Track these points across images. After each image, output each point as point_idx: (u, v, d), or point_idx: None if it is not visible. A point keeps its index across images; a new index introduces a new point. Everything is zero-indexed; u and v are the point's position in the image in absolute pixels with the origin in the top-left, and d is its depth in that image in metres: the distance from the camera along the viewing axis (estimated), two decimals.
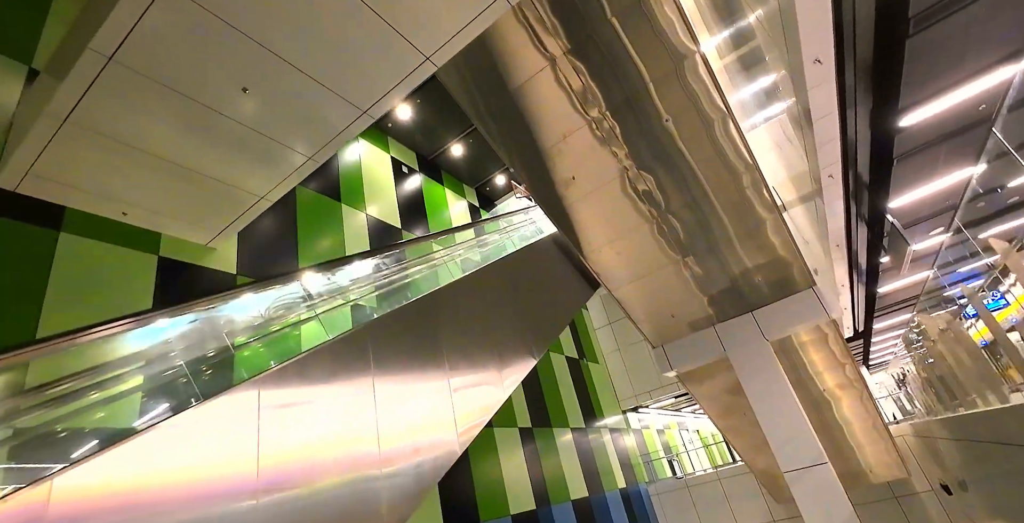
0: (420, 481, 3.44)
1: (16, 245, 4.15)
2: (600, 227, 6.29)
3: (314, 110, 4.25)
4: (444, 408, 3.92)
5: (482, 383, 4.51)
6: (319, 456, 2.97)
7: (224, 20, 3.40)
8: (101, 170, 4.36)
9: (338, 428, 3.18)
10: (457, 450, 3.73)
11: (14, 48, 4.78)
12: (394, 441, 3.43)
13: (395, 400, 3.61)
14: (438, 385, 4.09)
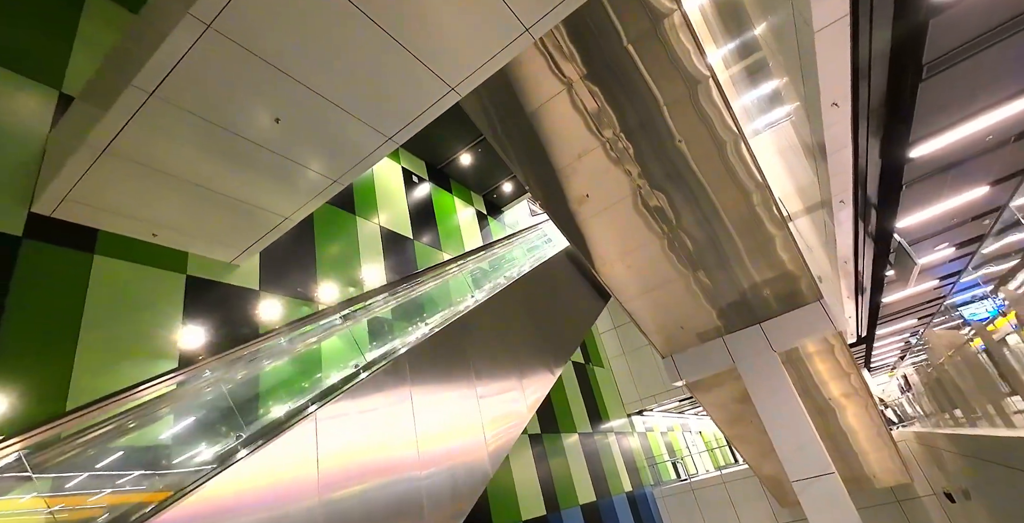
0: (456, 492, 3.60)
1: (55, 269, 4.29)
2: (612, 242, 6.44)
3: (342, 137, 4.39)
4: (476, 429, 4.07)
5: (510, 412, 4.64)
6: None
7: (260, 56, 3.53)
8: (133, 194, 4.49)
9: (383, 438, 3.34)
10: (489, 471, 3.88)
11: (44, 73, 4.92)
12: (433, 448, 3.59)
13: (433, 423, 3.76)
14: (471, 411, 4.24)
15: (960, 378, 5.54)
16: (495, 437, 4.14)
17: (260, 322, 5.74)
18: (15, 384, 3.73)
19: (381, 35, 3.54)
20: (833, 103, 2.91)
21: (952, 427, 6.59)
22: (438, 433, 3.95)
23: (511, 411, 4.90)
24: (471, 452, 4.08)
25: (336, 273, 7.14)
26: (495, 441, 4.11)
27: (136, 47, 3.61)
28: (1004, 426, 4.20)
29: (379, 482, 3.35)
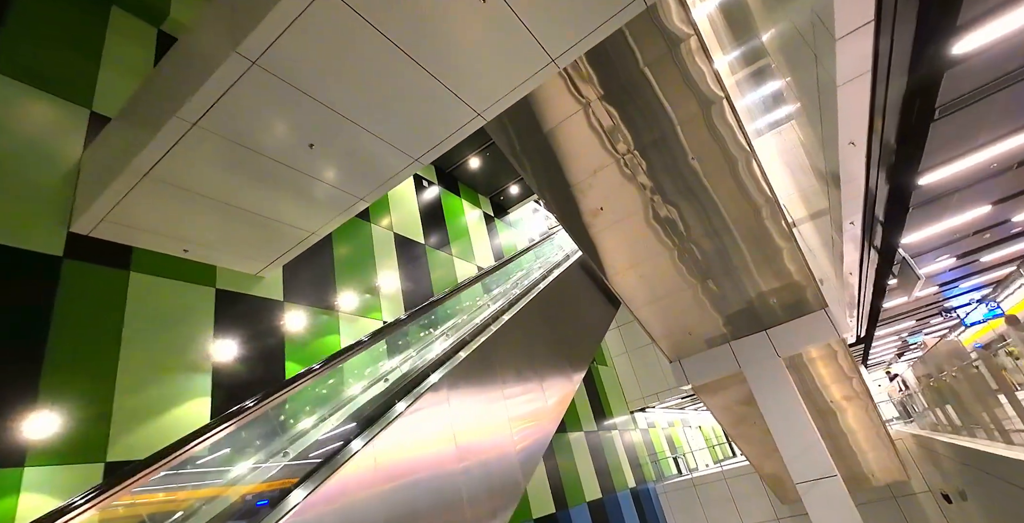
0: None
1: (95, 287, 4.46)
2: (624, 253, 6.62)
3: (371, 159, 4.55)
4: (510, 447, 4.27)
5: (540, 434, 4.83)
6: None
7: (300, 89, 3.68)
8: (167, 213, 4.65)
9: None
10: (522, 483, 4.09)
11: (75, 93, 5.05)
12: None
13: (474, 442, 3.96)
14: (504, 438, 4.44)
15: (960, 391, 5.76)
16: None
17: (286, 332, 5.92)
18: (62, 401, 3.92)
19: (415, 67, 3.69)
20: (850, 142, 3.10)
21: (950, 433, 6.85)
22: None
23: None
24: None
25: (354, 280, 7.31)
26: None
27: (178, 77, 3.76)
28: (1003, 442, 4.44)
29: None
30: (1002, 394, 4.18)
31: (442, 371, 4.21)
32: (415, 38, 3.49)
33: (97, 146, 4.65)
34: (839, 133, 3.02)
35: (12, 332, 3.84)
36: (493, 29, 3.57)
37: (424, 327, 5.17)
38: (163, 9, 6.11)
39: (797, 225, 6.80)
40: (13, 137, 4.43)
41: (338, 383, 4.37)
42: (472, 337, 4.75)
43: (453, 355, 4.51)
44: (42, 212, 4.36)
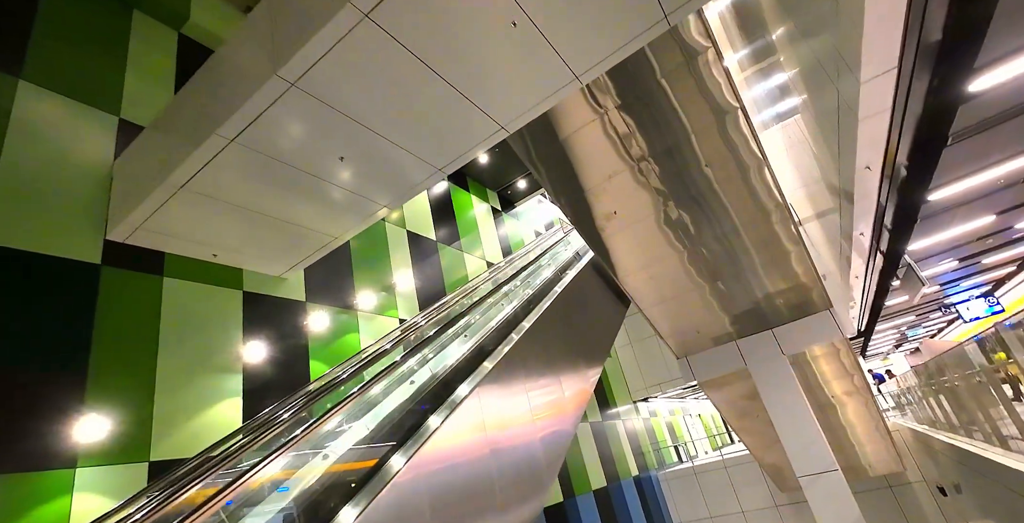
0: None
1: (131, 293, 4.63)
2: (635, 255, 6.79)
3: (397, 170, 4.69)
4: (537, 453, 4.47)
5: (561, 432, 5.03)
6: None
7: (334, 107, 3.81)
8: (198, 221, 4.80)
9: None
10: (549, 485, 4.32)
11: (103, 100, 5.16)
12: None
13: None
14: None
15: (960, 396, 5.96)
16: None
17: (310, 332, 6.11)
18: (107, 404, 4.12)
19: (445, 86, 3.82)
20: (866, 166, 3.24)
21: (947, 432, 7.11)
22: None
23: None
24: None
25: (371, 279, 7.49)
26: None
27: (217, 94, 3.88)
28: (1000, 446, 4.66)
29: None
30: (1001, 406, 4.39)
31: (474, 379, 4.41)
32: (447, 59, 3.61)
33: (130, 155, 4.77)
34: (856, 159, 3.17)
35: (58, 339, 4.03)
36: (522, 50, 3.68)
37: (460, 328, 5.32)
38: (183, 13, 6.17)
39: (803, 224, 6.96)
40: (47, 147, 4.55)
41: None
42: (502, 338, 4.94)
43: (494, 350, 4.69)
44: (79, 221, 4.51)
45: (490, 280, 6.61)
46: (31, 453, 3.60)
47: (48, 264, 4.16)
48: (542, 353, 5.18)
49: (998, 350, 4.64)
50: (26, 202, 4.21)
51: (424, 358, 4.28)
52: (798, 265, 6.51)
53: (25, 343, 3.84)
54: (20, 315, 3.88)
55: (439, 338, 4.37)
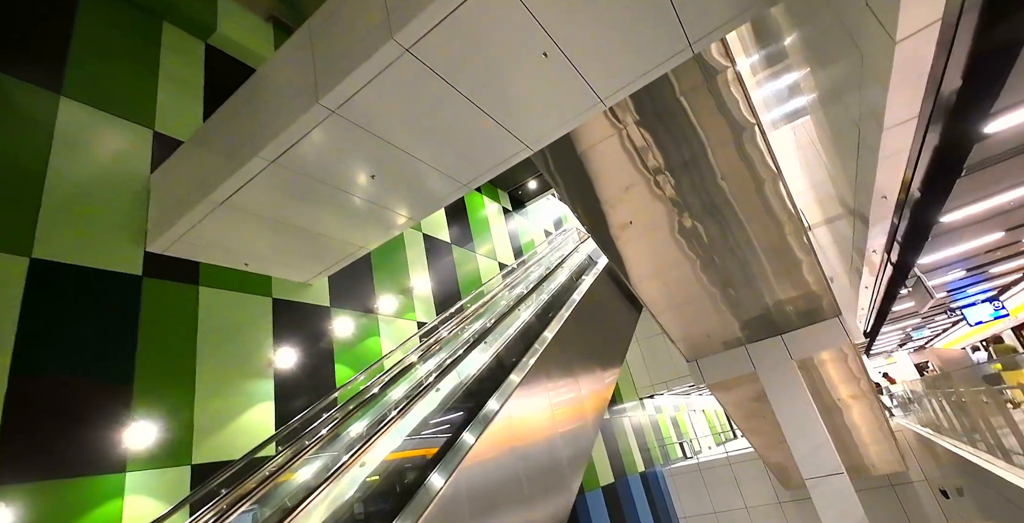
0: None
1: (171, 302, 4.83)
2: (649, 263, 6.95)
3: (424, 186, 4.85)
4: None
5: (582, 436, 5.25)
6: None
7: (370, 131, 3.97)
8: (232, 232, 4.98)
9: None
10: (573, 490, 4.54)
11: (138, 113, 5.33)
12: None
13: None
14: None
15: (967, 410, 6.12)
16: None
17: (334, 336, 6.32)
18: (153, 410, 4.34)
19: (475, 110, 3.97)
20: (883, 196, 3.39)
21: (951, 437, 7.29)
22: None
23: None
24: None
25: (390, 283, 7.68)
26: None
27: (259, 118, 4.03)
28: (1003, 459, 4.84)
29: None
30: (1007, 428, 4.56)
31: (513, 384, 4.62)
32: (480, 87, 3.76)
33: (167, 169, 4.95)
34: (874, 192, 3.32)
35: (106, 349, 4.24)
36: (551, 77, 3.83)
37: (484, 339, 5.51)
38: (211, 24, 6.31)
39: (813, 229, 7.10)
40: (89, 161, 4.73)
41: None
42: (526, 349, 5.15)
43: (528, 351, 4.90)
44: (120, 233, 4.70)
45: (506, 287, 6.79)
46: (85, 459, 3.83)
47: (94, 277, 4.36)
48: (564, 363, 5.38)
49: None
50: (72, 216, 4.40)
51: (455, 373, 4.47)
52: (809, 274, 6.66)
53: (76, 353, 4.06)
54: (71, 327, 4.09)
55: (466, 356, 4.54)
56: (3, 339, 3.70)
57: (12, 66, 4.50)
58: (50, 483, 3.58)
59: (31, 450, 3.58)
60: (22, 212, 4.10)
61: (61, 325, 4.03)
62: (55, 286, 4.09)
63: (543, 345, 5.07)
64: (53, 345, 3.94)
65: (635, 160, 5.83)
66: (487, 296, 6.86)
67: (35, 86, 4.58)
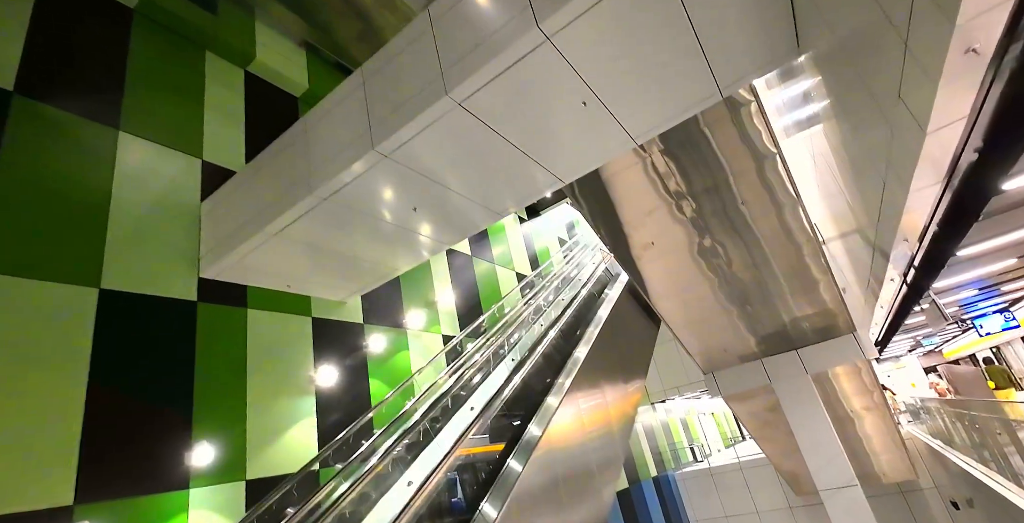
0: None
1: (222, 324, 5.12)
2: (669, 281, 7.18)
3: (461, 215, 5.10)
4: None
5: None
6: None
7: (417, 171, 4.22)
8: (279, 258, 5.26)
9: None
10: (608, 502, 4.81)
11: (187, 143, 5.61)
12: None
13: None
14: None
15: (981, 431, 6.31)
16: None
17: (368, 352, 6.60)
18: (211, 428, 4.63)
19: (515, 151, 4.21)
20: (904, 239, 3.61)
21: (963, 452, 7.49)
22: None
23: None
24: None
25: (417, 298, 7.94)
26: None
27: (315, 157, 4.30)
28: (1013, 482, 5.04)
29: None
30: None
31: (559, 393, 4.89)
32: (521, 131, 4.01)
33: (219, 200, 5.23)
34: (895, 237, 3.54)
35: (169, 371, 4.54)
36: (588, 122, 4.06)
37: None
38: (250, 53, 6.57)
39: (827, 243, 7.30)
40: (146, 193, 5.02)
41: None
42: (559, 369, 5.41)
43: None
44: (176, 261, 4.99)
45: (531, 306, 7.04)
46: (156, 476, 4.13)
47: (155, 304, 4.65)
48: (596, 383, 5.64)
49: None
50: (133, 247, 4.69)
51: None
52: (825, 293, 6.88)
53: (143, 376, 4.35)
54: (138, 352, 4.39)
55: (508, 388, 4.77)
56: (79, 367, 4.00)
57: (75, 104, 4.79)
58: (128, 501, 3.88)
59: (110, 470, 3.88)
60: (91, 246, 4.40)
61: (129, 351, 4.33)
62: (122, 314, 4.38)
63: (576, 366, 5.32)
64: (123, 370, 4.24)
65: (658, 186, 6.06)
66: (512, 315, 7.13)
67: (97, 123, 4.86)
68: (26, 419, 3.62)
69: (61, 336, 3.96)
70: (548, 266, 11.28)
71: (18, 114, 4.35)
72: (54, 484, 3.62)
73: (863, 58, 2.49)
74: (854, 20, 2.34)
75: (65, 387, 3.87)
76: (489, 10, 3.37)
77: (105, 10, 5.41)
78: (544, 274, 11.23)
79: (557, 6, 3.04)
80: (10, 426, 3.54)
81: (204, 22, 6.10)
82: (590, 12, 3.08)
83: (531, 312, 7.91)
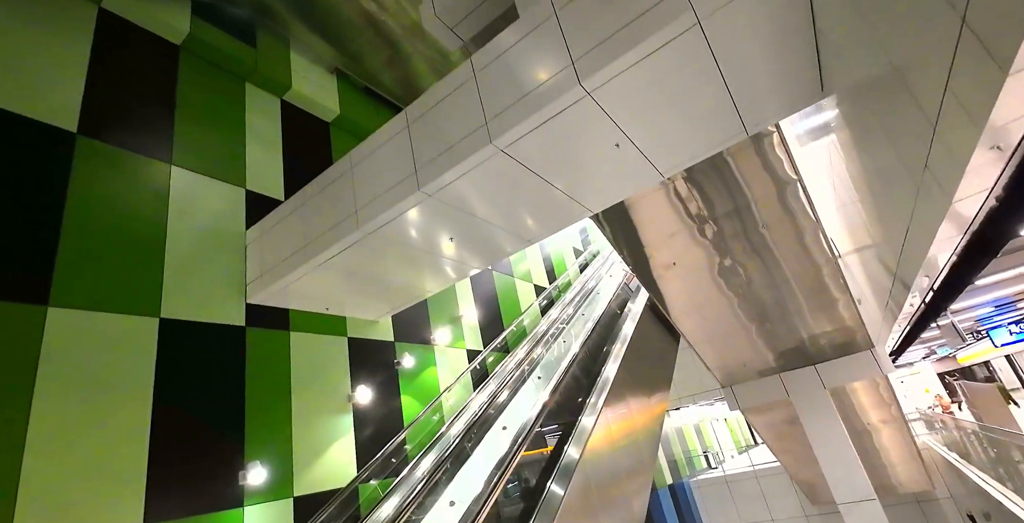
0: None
1: (268, 347, 5.39)
2: (689, 299, 7.37)
3: (493, 243, 5.34)
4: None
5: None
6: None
7: (455, 207, 4.46)
8: (320, 284, 5.52)
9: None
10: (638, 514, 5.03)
11: (233, 174, 5.89)
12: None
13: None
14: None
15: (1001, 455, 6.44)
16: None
17: (399, 369, 6.85)
18: (261, 448, 4.90)
19: (550, 188, 4.44)
20: (925, 275, 3.80)
21: (980, 469, 7.60)
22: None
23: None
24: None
25: (442, 313, 8.19)
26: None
27: (361, 195, 4.55)
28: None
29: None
30: None
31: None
32: (556, 171, 4.24)
33: (265, 229, 5.50)
34: (918, 273, 3.73)
35: (222, 395, 4.81)
36: (619, 161, 4.28)
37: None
38: (286, 81, 6.86)
39: (842, 256, 7.45)
40: (197, 224, 5.30)
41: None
42: (590, 388, 5.62)
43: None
44: (226, 289, 5.27)
45: (555, 324, 7.26)
46: (212, 495, 4.40)
47: (209, 331, 4.93)
48: (625, 400, 5.85)
49: None
50: (187, 276, 4.98)
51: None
52: (844, 311, 7.03)
53: (200, 398, 4.63)
54: (195, 376, 4.66)
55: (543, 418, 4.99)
56: (145, 392, 4.28)
57: (132, 141, 5.08)
58: (190, 520, 4.15)
59: (174, 490, 4.15)
60: (151, 277, 4.68)
61: (187, 376, 4.61)
62: (179, 341, 4.66)
63: (607, 385, 5.53)
64: (182, 394, 4.51)
65: (680, 210, 6.26)
66: (536, 330, 7.35)
67: (152, 159, 5.16)
68: (100, 444, 3.90)
69: (128, 364, 4.24)
70: (566, 281, 11.49)
71: (82, 154, 4.65)
72: (125, 504, 3.89)
73: (891, 121, 2.68)
74: (885, 99, 2.53)
75: (133, 412, 4.15)
76: (531, 66, 3.61)
77: (155, 48, 5.71)
78: (562, 287, 11.44)
79: (598, 66, 3.26)
80: (87, 451, 3.82)
81: (244, 55, 6.39)
82: (629, 71, 3.30)
83: (554, 328, 8.14)
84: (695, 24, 3.04)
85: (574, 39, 3.44)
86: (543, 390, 5.86)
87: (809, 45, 3.38)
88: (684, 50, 3.22)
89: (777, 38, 3.29)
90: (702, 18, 3.00)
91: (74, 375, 3.93)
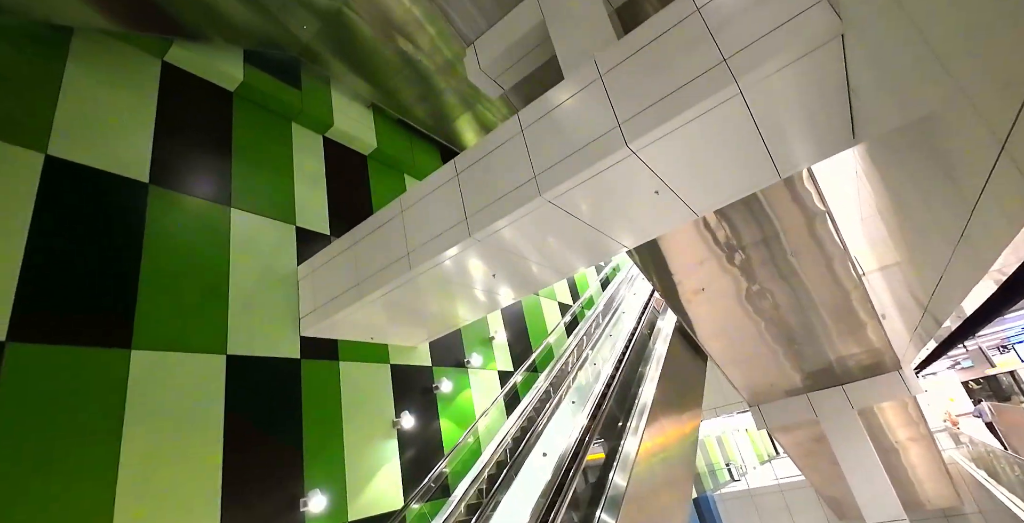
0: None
1: (321, 377, 5.70)
2: (717, 323, 7.56)
3: (531, 277, 5.60)
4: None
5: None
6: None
7: (501, 248, 4.74)
8: (367, 316, 5.82)
9: None
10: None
11: (284, 213, 6.23)
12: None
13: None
14: None
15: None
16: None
17: (437, 393, 7.12)
18: (318, 474, 5.19)
19: (591, 231, 4.70)
20: (958, 316, 3.99)
21: (1010, 490, 7.64)
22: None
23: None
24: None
25: (474, 336, 8.46)
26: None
27: (407, 235, 4.85)
28: None
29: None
30: None
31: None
32: (598, 216, 4.49)
33: (315, 265, 5.82)
34: (950, 312, 3.91)
35: (283, 424, 5.12)
36: (657, 205, 4.53)
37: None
38: (328, 119, 7.22)
39: (867, 274, 7.58)
40: (256, 262, 5.64)
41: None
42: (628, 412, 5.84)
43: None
44: (282, 323, 5.59)
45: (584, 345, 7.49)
46: (278, 520, 4.69)
47: (271, 365, 5.25)
48: (662, 422, 6.05)
49: None
50: (248, 313, 5.31)
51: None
52: (872, 334, 7.16)
53: (266, 429, 4.94)
54: (259, 411, 4.98)
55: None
56: (217, 426, 4.59)
57: (196, 188, 5.44)
58: None
59: (243, 519, 4.45)
60: (218, 316, 5.02)
61: (252, 410, 4.92)
62: (244, 376, 4.98)
63: (646, 408, 5.74)
64: (248, 427, 4.82)
65: (709, 240, 6.46)
66: (566, 352, 7.58)
67: (215, 203, 5.51)
68: (180, 477, 4.22)
69: (201, 401, 4.57)
70: (589, 297, 11.70)
71: (154, 203, 5.01)
72: None
73: (927, 184, 2.87)
74: (922, 169, 2.74)
75: (207, 446, 4.46)
76: (578, 125, 3.88)
77: (212, 95, 6.10)
78: (586, 304, 11.65)
79: (644, 130, 3.52)
80: (168, 485, 4.13)
81: (291, 97, 6.76)
82: (671, 133, 3.55)
83: (584, 350, 8.35)
84: (737, 94, 3.29)
85: (620, 102, 3.70)
86: (579, 414, 6.08)
87: (842, 101, 3.60)
88: (725, 115, 3.47)
89: (813, 98, 3.52)
90: (744, 89, 3.25)
91: (155, 414, 4.26)
